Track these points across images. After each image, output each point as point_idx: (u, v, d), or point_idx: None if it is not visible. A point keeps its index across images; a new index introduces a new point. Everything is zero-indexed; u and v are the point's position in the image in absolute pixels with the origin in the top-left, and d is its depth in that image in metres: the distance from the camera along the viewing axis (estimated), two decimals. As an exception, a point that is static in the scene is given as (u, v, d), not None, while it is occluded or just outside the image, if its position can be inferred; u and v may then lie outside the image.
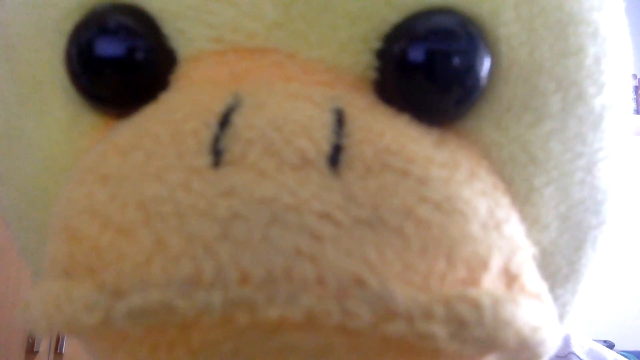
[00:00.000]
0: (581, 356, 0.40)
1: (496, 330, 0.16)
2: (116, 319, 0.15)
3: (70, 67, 0.21)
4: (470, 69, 0.20)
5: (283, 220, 0.15)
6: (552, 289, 0.22)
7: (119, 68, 0.20)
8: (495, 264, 0.17)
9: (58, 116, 0.23)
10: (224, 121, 0.17)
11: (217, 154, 0.17)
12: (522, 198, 0.21)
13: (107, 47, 0.21)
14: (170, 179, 0.16)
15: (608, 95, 0.23)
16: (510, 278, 0.18)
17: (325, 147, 0.17)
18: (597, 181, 0.23)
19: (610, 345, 1.56)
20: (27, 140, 0.24)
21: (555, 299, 0.23)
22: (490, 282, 0.17)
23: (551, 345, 0.18)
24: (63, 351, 1.75)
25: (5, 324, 1.71)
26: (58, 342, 1.70)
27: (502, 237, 0.18)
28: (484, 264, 0.17)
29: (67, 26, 0.21)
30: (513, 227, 0.19)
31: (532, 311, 0.17)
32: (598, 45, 0.22)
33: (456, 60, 0.20)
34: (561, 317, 0.25)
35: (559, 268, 0.23)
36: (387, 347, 0.16)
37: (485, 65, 0.20)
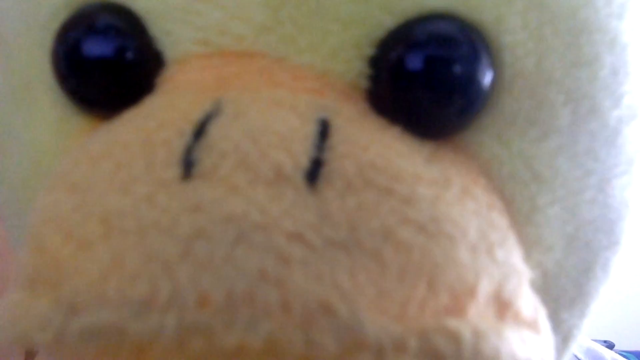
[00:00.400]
0: (579, 356, 0.39)
1: None
2: (68, 337, 0.14)
3: (57, 67, 0.21)
4: (472, 78, 0.19)
5: (249, 240, 0.14)
6: (556, 313, 0.21)
7: (107, 69, 0.20)
8: (484, 290, 0.16)
9: (47, 116, 0.22)
10: (200, 130, 0.17)
11: (187, 166, 0.16)
12: (524, 218, 0.20)
13: (96, 47, 0.20)
14: (135, 191, 0.16)
15: (627, 108, 0.21)
16: (501, 305, 0.17)
17: (304, 162, 0.16)
18: (611, 200, 0.22)
19: (610, 345, 1.56)
20: (17, 139, 0.23)
21: (560, 323, 0.22)
22: (477, 310, 0.16)
23: None
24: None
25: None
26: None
27: (494, 261, 0.17)
28: (470, 291, 0.16)
29: (55, 25, 0.21)
30: (508, 250, 0.18)
31: (520, 344, 0.16)
32: (616, 54, 0.21)
33: (456, 69, 0.18)
34: (566, 340, 0.24)
35: (564, 291, 0.22)
36: None
37: (488, 75, 0.19)
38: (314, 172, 0.16)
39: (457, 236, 0.16)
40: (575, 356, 0.39)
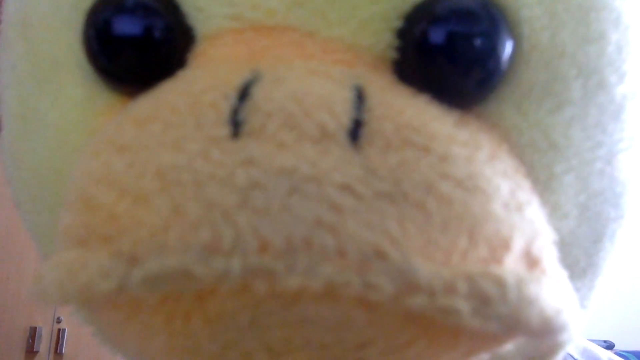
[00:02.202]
0: (575, 356, 0.39)
1: (520, 308, 0.16)
2: (132, 286, 0.15)
3: (88, 45, 0.21)
4: (492, 51, 0.20)
5: (303, 191, 0.15)
6: (571, 281, 0.21)
7: (137, 47, 0.20)
8: (517, 245, 0.17)
9: (73, 95, 0.22)
10: (243, 94, 0.17)
11: (236, 125, 0.16)
12: (542, 184, 0.21)
13: (125, 26, 0.20)
14: (188, 148, 0.16)
15: (630, 85, 0.23)
16: (531, 261, 0.17)
17: (346, 122, 0.17)
18: (617, 173, 0.23)
19: (610, 346, 1.55)
20: (41, 120, 0.23)
21: (575, 291, 0.22)
22: (512, 263, 0.17)
23: (573, 333, 0.18)
24: (63, 351, 1.74)
25: (5, 324, 1.70)
26: (58, 342, 1.70)
27: (523, 219, 0.18)
28: (506, 245, 0.17)
29: (85, 4, 0.21)
30: (535, 210, 0.19)
31: (555, 293, 0.17)
32: (620, 33, 0.22)
33: (477, 43, 0.19)
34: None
35: (577, 260, 0.23)
36: (407, 323, 0.16)
37: (507, 47, 0.20)
38: (356, 132, 0.17)
39: (492, 193, 0.17)
40: (572, 356, 0.39)
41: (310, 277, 0.14)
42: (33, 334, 1.77)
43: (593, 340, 0.43)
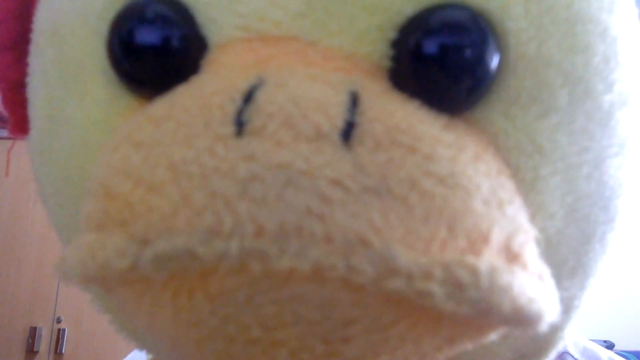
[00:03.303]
0: (575, 355, 0.40)
1: (491, 294, 0.17)
2: (144, 264, 0.16)
3: (112, 52, 0.23)
4: (480, 60, 0.21)
5: (297, 183, 0.17)
6: (559, 279, 0.22)
7: (156, 54, 0.22)
8: (496, 239, 0.18)
9: (97, 97, 0.24)
10: (248, 97, 0.19)
11: (240, 125, 0.18)
12: (528, 185, 0.22)
13: (146, 36, 0.22)
14: (197, 144, 0.18)
15: (618, 94, 0.24)
16: (510, 256, 0.19)
17: (339, 123, 0.18)
18: (606, 177, 0.24)
19: (610, 346, 1.55)
20: (67, 120, 0.25)
21: (563, 290, 0.23)
22: (491, 256, 0.18)
23: (549, 321, 0.19)
24: (63, 351, 1.74)
25: (6, 324, 1.70)
26: (58, 342, 1.70)
27: (504, 215, 0.19)
28: (484, 238, 0.18)
29: (110, 15, 0.23)
30: (516, 208, 0.20)
31: (529, 284, 0.18)
32: (607, 44, 0.23)
33: (467, 53, 0.21)
34: (568, 310, 0.26)
35: (565, 259, 0.24)
36: (389, 305, 0.18)
37: (495, 57, 0.21)
38: (348, 132, 0.18)
39: (472, 189, 0.18)
40: (572, 356, 0.40)
41: (299, 260, 0.16)
42: (33, 334, 1.77)
43: (593, 340, 0.44)
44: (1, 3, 0.29)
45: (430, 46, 0.21)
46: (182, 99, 0.20)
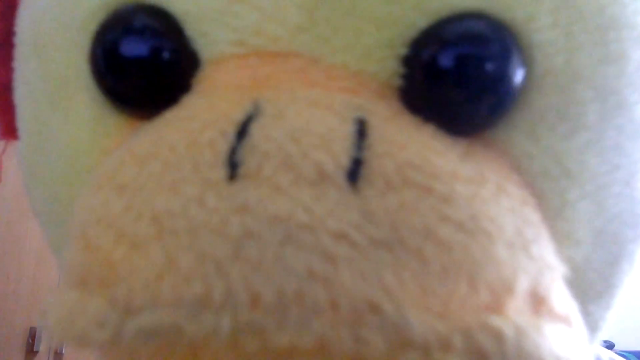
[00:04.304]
0: None
1: None
2: (125, 337, 0.15)
3: (95, 66, 0.21)
4: (503, 76, 0.19)
5: (297, 240, 0.15)
6: (584, 306, 0.21)
7: (144, 69, 0.20)
8: (521, 287, 0.17)
9: (83, 115, 0.22)
10: (242, 131, 0.17)
11: (233, 167, 0.16)
12: (554, 213, 0.20)
13: (132, 47, 0.20)
14: (184, 191, 0.16)
15: None
16: (537, 301, 0.17)
17: (345, 161, 0.16)
18: (636, 193, 0.22)
19: (610, 346, 1.56)
20: (53, 137, 0.24)
21: (587, 315, 0.22)
22: (515, 306, 0.16)
23: None
24: (63, 351, 1.75)
25: (5, 324, 1.71)
26: (58, 342, 1.70)
27: (529, 257, 0.17)
28: (508, 288, 0.16)
29: (92, 26, 0.21)
30: (542, 246, 0.18)
31: (558, 339, 0.16)
32: None
33: (488, 67, 0.19)
34: (592, 332, 0.24)
35: (592, 284, 0.22)
36: None
37: (519, 73, 0.19)
38: (355, 172, 0.16)
39: (495, 233, 0.17)
40: None
41: (301, 333, 0.14)
42: (33, 334, 1.77)
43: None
44: None
45: (446, 59, 0.19)
46: (169, 133, 0.18)
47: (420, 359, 0.14)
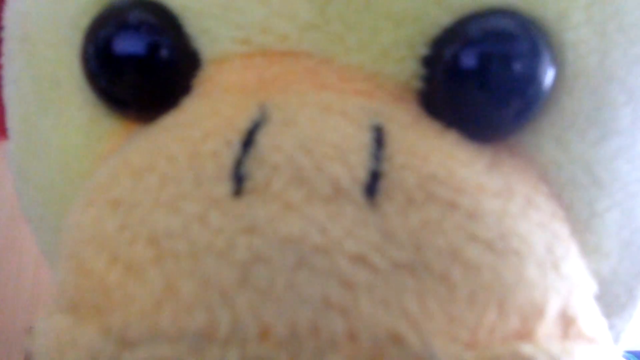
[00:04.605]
0: None
1: None
2: None
3: (87, 65, 0.20)
4: (531, 77, 0.17)
5: (310, 264, 0.13)
6: (609, 319, 0.19)
7: (139, 68, 0.19)
8: (552, 309, 0.15)
9: (76, 118, 0.21)
10: (248, 140, 0.16)
11: (239, 181, 0.15)
12: (583, 225, 0.19)
13: (127, 44, 0.19)
14: (185, 209, 0.15)
15: None
16: (567, 322, 0.16)
17: (362, 174, 0.15)
18: None
19: None
20: (44, 140, 0.22)
21: (611, 328, 0.21)
22: (546, 331, 0.15)
23: None
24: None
25: (5, 324, 1.71)
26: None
27: (560, 277, 0.16)
28: (539, 312, 0.15)
29: (84, 22, 0.20)
30: (572, 263, 0.17)
31: None
32: None
33: (516, 67, 0.17)
34: (615, 343, 0.23)
35: (617, 296, 0.21)
36: None
37: (549, 74, 0.18)
38: (373, 186, 0.15)
39: (525, 253, 0.15)
40: None
41: None
42: (33, 334, 1.77)
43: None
44: None
45: (469, 58, 0.17)
46: (168, 142, 0.17)
47: None
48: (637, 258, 0.21)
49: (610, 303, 0.21)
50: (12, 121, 0.24)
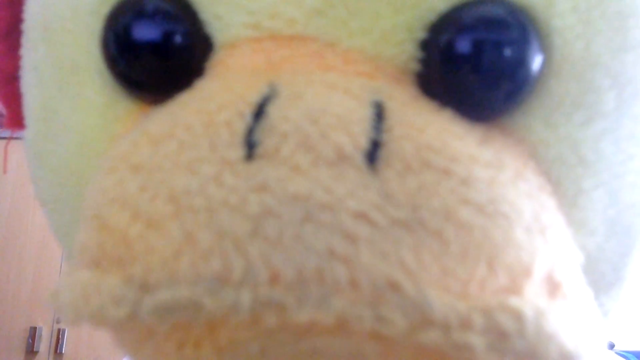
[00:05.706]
0: None
1: (538, 343, 0.15)
2: (143, 314, 0.15)
3: (107, 51, 0.21)
4: (521, 61, 0.19)
5: (317, 219, 0.15)
6: (596, 296, 0.20)
7: (156, 53, 0.20)
8: (539, 271, 0.17)
9: (94, 100, 0.22)
10: (259, 112, 0.17)
11: (250, 147, 0.16)
12: (569, 201, 0.20)
13: (144, 31, 0.20)
14: (202, 171, 0.16)
15: None
16: (553, 286, 0.17)
17: (363, 143, 0.16)
18: None
19: (610, 346, 1.56)
20: (62, 123, 0.23)
21: (599, 306, 0.22)
22: (533, 290, 0.16)
23: (592, 356, 0.17)
24: (63, 351, 1.74)
25: (6, 324, 1.71)
26: (58, 342, 1.70)
27: (546, 242, 0.17)
28: (527, 271, 0.16)
29: (104, 9, 0.21)
30: (559, 231, 0.18)
31: (576, 323, 0.16)
32: None
33: (506, 52, 0.19)
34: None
35: (604, 275, 0.22)
36: (420, 356, 0.16)
37: (537, 58, 0.19)
38: (374, 153, 0.16)
39: (514, 217, 0.16)
40: None
41: (321, 310, 0.14)
42: (33, 334, 1.77)
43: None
44: None
45: (464, 44, 0.18)
46: (185, 114, 0.18)
47: (440, 337, 0.14)
48: (623, 238, 0.22)
49: (598, 280, 0.22)
50: (30, 108, 0.25)
